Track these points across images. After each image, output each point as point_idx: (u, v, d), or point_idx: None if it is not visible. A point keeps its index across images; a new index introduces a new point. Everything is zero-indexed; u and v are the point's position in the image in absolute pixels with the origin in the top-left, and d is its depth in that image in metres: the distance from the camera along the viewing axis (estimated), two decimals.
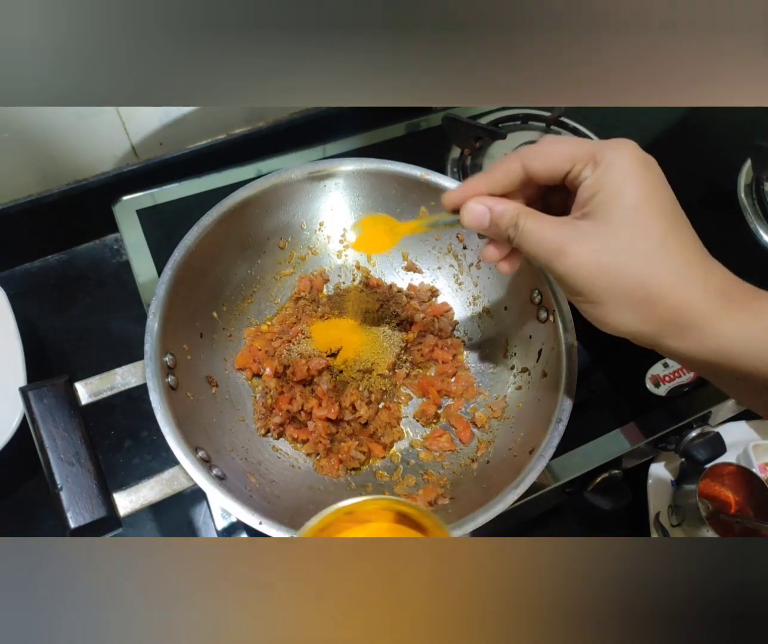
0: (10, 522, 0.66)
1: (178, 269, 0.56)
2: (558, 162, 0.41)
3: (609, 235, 0.38)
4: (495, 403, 0.61)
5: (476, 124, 0.80)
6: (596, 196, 0.39)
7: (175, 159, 0.81)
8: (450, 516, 0.49)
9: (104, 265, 0.83)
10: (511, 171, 0.43)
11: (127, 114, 0.75)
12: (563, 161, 0.41)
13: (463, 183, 0.45)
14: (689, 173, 0.84)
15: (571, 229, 0.40)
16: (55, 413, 0.47)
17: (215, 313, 0.61)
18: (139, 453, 0.71)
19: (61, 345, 0.77)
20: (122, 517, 0.46)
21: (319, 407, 0.58)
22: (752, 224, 0.81)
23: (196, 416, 0.53)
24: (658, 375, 0.65)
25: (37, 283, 0.81)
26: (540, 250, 0.40)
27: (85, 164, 0.78)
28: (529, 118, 0.86)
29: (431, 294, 0.68)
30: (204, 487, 0.46)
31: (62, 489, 0.45)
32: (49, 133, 0.72)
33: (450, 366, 0.64)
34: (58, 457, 0.46)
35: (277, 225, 0.65)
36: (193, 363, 0.57)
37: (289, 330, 0.63)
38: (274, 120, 0.86)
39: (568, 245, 0.39)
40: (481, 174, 0.45)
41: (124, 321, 0.79)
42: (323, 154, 0.80)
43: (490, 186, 0.44)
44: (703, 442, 0.64)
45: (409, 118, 0.85)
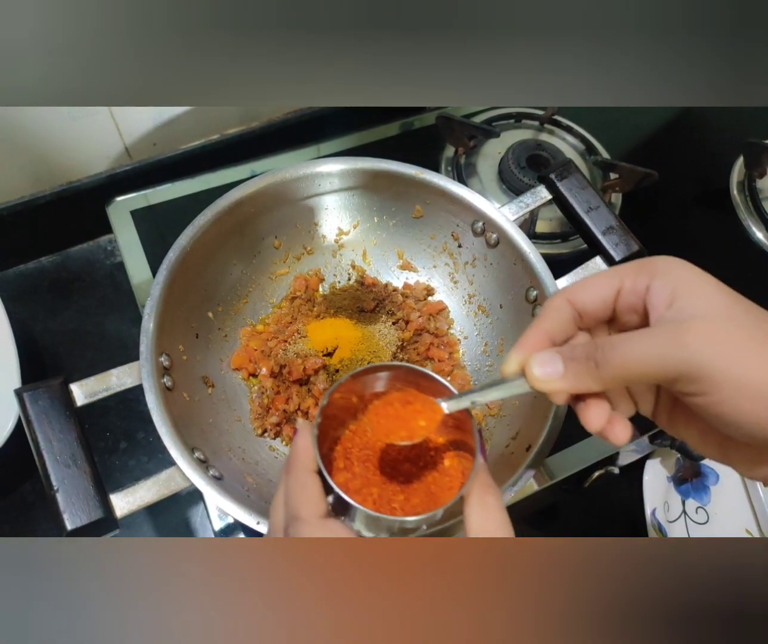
0: (6, 525, 0.66)
1: (172, 269, 0.55)
2: (602, 284, 0.37)
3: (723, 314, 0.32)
4: (491, 401, 0.61)
5: (470, 123, 0.80)
6: (678, 291, 0.34)
7: (168, 159, 0.81)
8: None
9: (98, 266, 0.83)
10: (558, 309, 0.38)
11: (120, 115, 0.75)
12: (608, 281, 0.37)
13: (517, 345, 0.38)
14: (682, 171, 0.85)
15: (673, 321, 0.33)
16: (50, 415, 0.47)
17: (210, 313, 0.61)
18: (136, 455, 0.71)
19: (55, 347, 0.76)
20: (119, 519, 0.46)
21: (316, 406, 0.58)
22: (745, 221, 0.81)
23: (192, 417, 0.53)
24: None
25: (30, 285, 0.80)
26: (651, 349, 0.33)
27: (78, 165, 0.77)
28: (522, 116, 0.86)
29: (427, 292, 0.68)
30: (201, 488, 0.46)
31: (58, 491, 0.45)
32: (42, 134, 0.72)
33: (446, 365, 0.64)
34: (54, 459, 0.45)
35: (272, 224, 0.65)
36: (189, 364, 0.57)
37: (284, 330, 0.63)
38: (267, 120, 0.86)
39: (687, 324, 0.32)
40: (529, 331, 0.38)
41: (119, 322, 0.78)
42: (317, 153, 0.80)
43: (547, 333, 0.37)
44: None
45: (402, 118, 0.85)
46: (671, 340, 0.32)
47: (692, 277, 0.34)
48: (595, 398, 0.37)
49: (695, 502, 0.72)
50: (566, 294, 0.38)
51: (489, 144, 0.82)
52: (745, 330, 0.32)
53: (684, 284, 0.34)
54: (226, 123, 0.83)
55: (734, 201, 0.83)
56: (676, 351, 0.32)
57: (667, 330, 0.33)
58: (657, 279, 0.35)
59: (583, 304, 0.38)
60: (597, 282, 0.37)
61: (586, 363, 0.35)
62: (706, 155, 0.90)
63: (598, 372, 0.34)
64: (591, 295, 0.37)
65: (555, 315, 0.38)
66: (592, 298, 0.37)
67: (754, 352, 0.31)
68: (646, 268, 0.36)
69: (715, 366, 0.31)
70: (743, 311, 0.33)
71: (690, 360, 0.31)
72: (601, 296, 0.37)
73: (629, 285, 0.36)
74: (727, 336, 0.31)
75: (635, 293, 0.36)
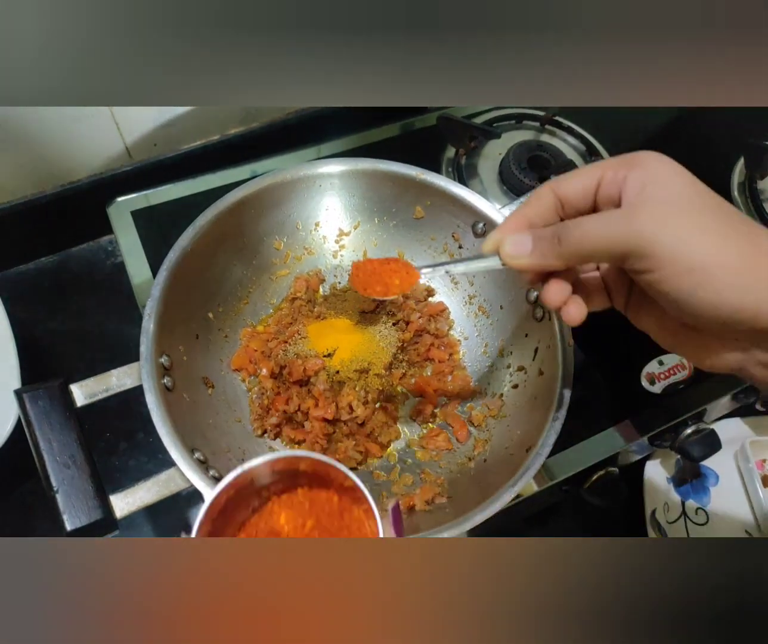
0: (6, 525, 0.66)
1: (173, 270, 0.55)
2: (586, 175, 0.39)
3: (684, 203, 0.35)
4: (491, 402, 0.61)
5: (471, 124, 0.80)
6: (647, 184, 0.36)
7: (169, 160, 0.81)
8: (447, 515, 0.49)
9: (99, 267, 0.82)
10: (542, 196, 0.41)
11: (121, 115, 0.75)
12: (591, 173, 0.39)
13: (498, 227, 0.42)
14: None
15: (633, 204, 0.36)
16: (50, 415, 0.47)
17: (211, 313, 0.61)
18: (135, 455, 0.71)
19: (55, 347, 0.76)
20: (119, 519, 0.46)
21: (316, 407, 0.58)
22: None
23: (192, 417, 0.53)
24: (653, 372, 0.65)
25: (31, 286, 0.80)
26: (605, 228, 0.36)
27: (79, 165, 0.77)
28: (523, 117, 0.86)
29: (427, 293, 0.68)
30: (201, 488, 0.46)
31: (58, 492, 0.45)
32: (43, 134, 0.72)
33: (446, 366, 0.64)
34: (54, 460, 0.45)
35: (273, 225, 0.65)
36: (189, 365, 0.57)
37: (285, 331, 0.63)
38: (268, 120, 0.86)
39: (641, 208, 0.35)
40: (511, 215, 0.42)
41: (119, 322, 0.78)
42: (318, 154, 0.80)
43: (527, 218, 0.41)
44: (698, 439, 0.64)
45: (403, 118, 0.85)
46: (624, 219, 0.35)
47: (666, 169, 0.37)
48: (558, 278, 0.41)
49: (695, 503, 0.72)
50: (551, 184, 0.41)
51: (490, 145, 0.82)
52: (698, 217, 0.35)
53: (655, 175, 0.36)
54: (226, 123, 0.83)
55: (735, 202, 0.83)
56: (627, 229, 0.35)
57: (622, 212, 0.36)
58: (634, 170, 0.37)
59: (565, 193, 0.40)
60: (581, 172, 0.40)
61: (550, 241, 0.38)
62: (706, 156, 0.89)
63: (560, 248, 0.38)
64: (573, 184, 0.40)
65: (537, 202, 0.41)
66: (574, 187, 0.40)
67: (698, 236, 0.34)
68: (627, 160, 0.38)
69: (659, 244, 0.34)
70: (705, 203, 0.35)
71: (638, 238, 0.34)
72: (583, 185, 0.40)
73: (610, 175, 0.38)
74: (678, 220, 0.34)
75: (615, 183, 0.38)
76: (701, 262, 0.34)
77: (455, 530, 0.47)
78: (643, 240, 0.34)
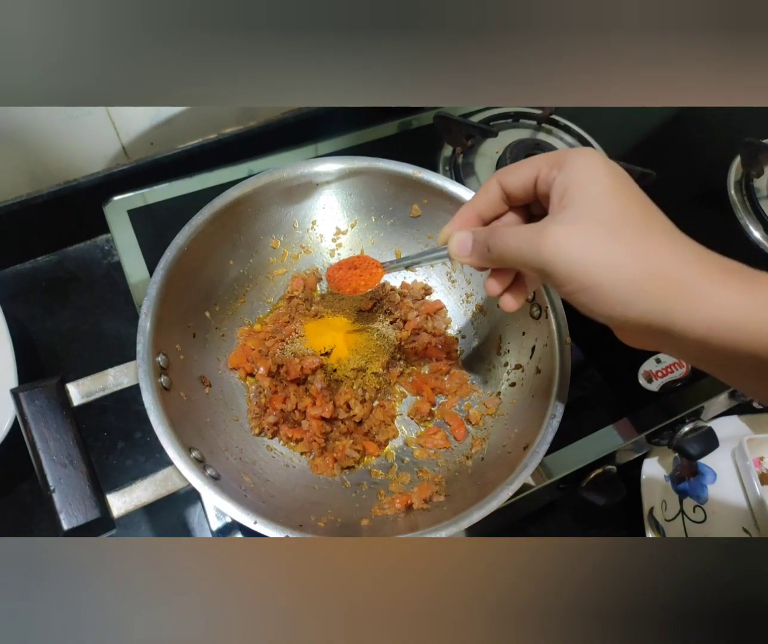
0: (3, 525, 0.66)
1: (169, 269, 0.55)
2: (525, 171, 0.42)
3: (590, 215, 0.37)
4: (489, 400, 0.61)
5: (468, 123, 0.80)
6: (569, 189, 0.38)
7: (166, 159, 0.81)
8: (445, 513, 0.49)
9: (95, 266, 0.82)
10: (489, 190, 0.44)
11: (118, 114, 0.74)
12: (530, 169, 0.42)
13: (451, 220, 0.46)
14: (679, 171, 0.85)
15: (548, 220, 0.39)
16: (47, 414, 0.46)
17: (208, 312, 0.61)
18: (132, 454, 0.71)
19: (52, 346, 0.76)
20: (116, 518, 0.46)
21: (313, 406, 0.58)
22: (742, 220, 0.81)
23: (189, 416, 0.53)
24: (650, 370, 0.66)
25: (27, 285, 0.80)
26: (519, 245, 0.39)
27: (76, 165, 0.77)
28: (520, 116, 0.86)
29: (424, 292, 0.68)
30: (198, 487, 0.46)
31: (55, 491, 0.45)
32: (39, 133, 0.72)
33: (444, 364, 0.64)
34: (51, 459, 0.45)
35: (270, 224, 0.65)
36: (186, 364, 0.56)
37: (282, 330, 0.63)
38: (265, 119, 0.86)
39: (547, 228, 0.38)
40: (463, 208, 0.46)
41: (116, 321, 0.78)
42: (315, 153, 0.80)
43: (476, 211, 0.45)
44: (695, 437, 0.65)
45: (400, 117, 0.85)
46: (532, 243, 0.38)
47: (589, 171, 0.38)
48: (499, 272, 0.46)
49: (693, 501, 0.72)
50: (498, 176, 0.44)
51: (487, 143, 0.82)
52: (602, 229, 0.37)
53: (578, 177, 0.38)
54: (223, 122, 0.83)
55: (732, 200, 0.83)
56: (533, 248, 0.38)
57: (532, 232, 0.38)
58: (561, 171, 0.39)
59: (508, 187, 0.43)
60: (520, 169, 0.42)
61: (481, 247, 0.42)
62: (703, 155, 0.90)
63: (489, 254, 0.42)
64: (514, 179, 0.43)
65: (485, 195, 0.44)
66: (515, 183, 0.43)
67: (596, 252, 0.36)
68: (556, 159, 0.40)
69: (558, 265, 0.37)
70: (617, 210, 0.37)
71: (542, 260, 0.37)
72: (523, 180, 0.42)
73: (544, 173, 0.41)
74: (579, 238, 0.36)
75: (546, 183, 0.40)
76: (594, 281, 0.36)
77: (453, 528, 0.46)
78: (545, 262, 0.37)
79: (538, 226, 0.39)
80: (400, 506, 0.53)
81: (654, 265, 0.35)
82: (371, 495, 0.56)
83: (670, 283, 0.35)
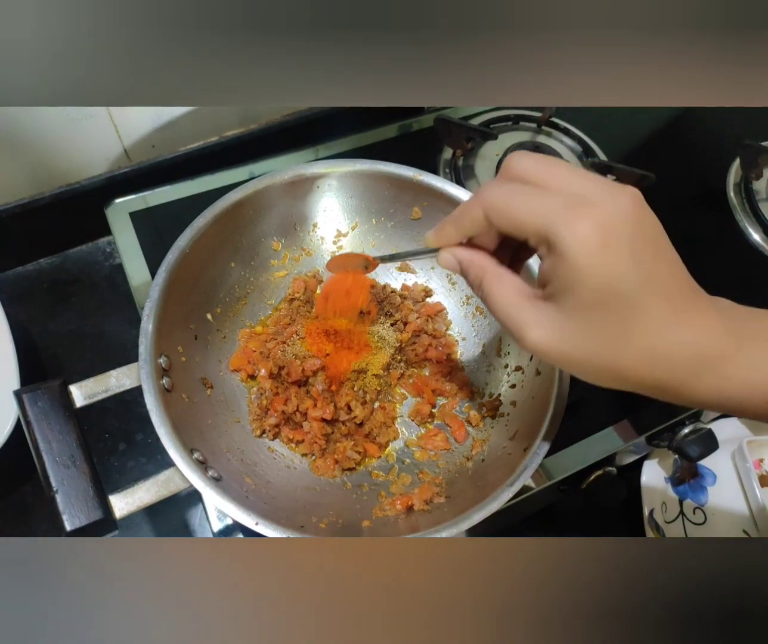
0: (5, 526, 0.66)
1: (171, 271, 0.56)
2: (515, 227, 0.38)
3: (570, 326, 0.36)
4: (489, 402, 0.61)
5: (468, 125, 0.80)
6: (551, 284, 0.37)
7: (167, 161, 0.81)
8: (446, 515, 0.49)
9: (97, 268, 0.83)
10: (475, 220, 0.40)
11: (119, 116, 0.75)
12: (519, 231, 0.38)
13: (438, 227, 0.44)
14: (679, 173, 0.85)
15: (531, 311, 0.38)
16: (49, 416, 0.47)
17: (209, 314, 0.61)
18: (134, 456, 0.71)
19: (54, 348, 0.76)
20: (118, 519, 0.46)
21: (314, 408, 0.58)
22: (741, 222, 0.81)
23: (191, 418, 0.53)
24: None
25: (29, 287, 0.80)
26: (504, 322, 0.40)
27: (77, 167, 0.77)
28: (520, 118, 0.86)
29: (425, 294, 0.68)
30: (200, 489, 0.46)
31: (58, 492, 0.45)
32: (40, 135, 0.72)
33: (444, 366, 0.64)
34: (53, 460, 0.45)
35: (271, 226, 0.65)
36: (188, 365, 0.57)
37: (283, 331, 0.63)
38: (266, 122, 0.86)
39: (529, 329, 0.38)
40: (450, 218, 0.42)
41: (118, 324, 0.78)
42: (316, 155, 0.80)
43: (460, 234, 0.42)
44: (695, 439, 0.65)
45: (401, 120, 0.86)
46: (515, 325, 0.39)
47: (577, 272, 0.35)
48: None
49: (693, 503, 0.72)
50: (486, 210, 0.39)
51: (487, 146, 0.82)
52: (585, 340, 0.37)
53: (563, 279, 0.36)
54: (224, 125, 0.84)
55: (731, 202, 0.83)
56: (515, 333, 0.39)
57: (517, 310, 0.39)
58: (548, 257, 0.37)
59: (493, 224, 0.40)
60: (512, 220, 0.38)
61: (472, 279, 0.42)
62: (702, 157, 0.90)
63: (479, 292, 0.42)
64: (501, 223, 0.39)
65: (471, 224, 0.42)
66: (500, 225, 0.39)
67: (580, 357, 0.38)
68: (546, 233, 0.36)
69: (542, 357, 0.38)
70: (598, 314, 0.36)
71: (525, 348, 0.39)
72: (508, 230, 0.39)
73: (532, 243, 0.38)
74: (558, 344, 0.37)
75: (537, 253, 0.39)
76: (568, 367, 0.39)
77: (453, 529, 0.47)
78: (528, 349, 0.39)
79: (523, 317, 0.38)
80: (401, 507, 0.53)
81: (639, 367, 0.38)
82: (372, 497, 0.56)
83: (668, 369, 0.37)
